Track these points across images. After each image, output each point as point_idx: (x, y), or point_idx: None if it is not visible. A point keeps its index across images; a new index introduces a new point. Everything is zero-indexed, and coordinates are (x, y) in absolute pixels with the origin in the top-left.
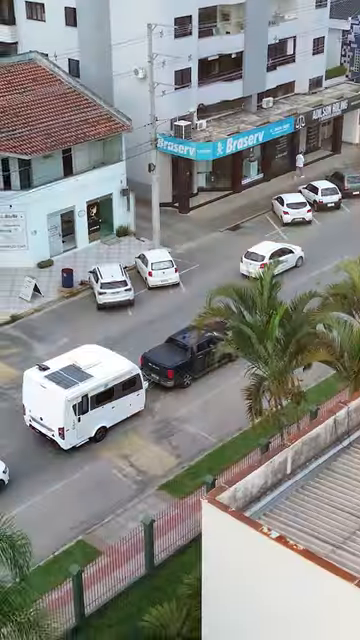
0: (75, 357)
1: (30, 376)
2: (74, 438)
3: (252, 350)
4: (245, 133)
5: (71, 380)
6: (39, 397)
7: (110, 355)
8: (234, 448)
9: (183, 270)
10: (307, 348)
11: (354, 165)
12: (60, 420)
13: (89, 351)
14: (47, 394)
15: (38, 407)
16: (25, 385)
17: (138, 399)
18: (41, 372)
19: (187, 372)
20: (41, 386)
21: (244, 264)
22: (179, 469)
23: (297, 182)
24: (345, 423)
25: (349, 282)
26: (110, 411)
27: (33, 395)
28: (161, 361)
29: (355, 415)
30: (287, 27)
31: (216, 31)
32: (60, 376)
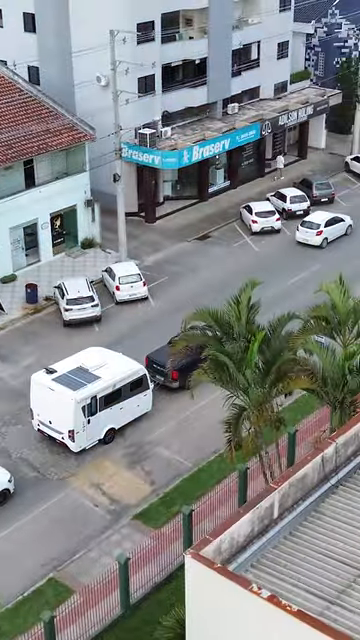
0: (81, 359)
1: (38, 380)
2: (84, 440)
3: (230, 379)
4: (211, 140)
5: (79, 382)
6: (47, 400)
7: (116, 356)
8: (210, 472)
9: (151, 283)
10: (288, 375)
11: (321, 171)
12: (70, 422)
13: (94, 353)
14: (56, 397)
15: (46, 410)
16: (33, 389)
17: (145, 400)
18: (48, 375)
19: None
20: (49, 389)
21: (300, 232)
22: (153, 497)
23: (278, 183)
24: (333, 460)
25: (329, 304)
26: (118, 412)
27: (41, 399)
28: (166, 362)
29: (343, 450)
30: (251, 32)
31: (179, 37)
32: (68, 378)
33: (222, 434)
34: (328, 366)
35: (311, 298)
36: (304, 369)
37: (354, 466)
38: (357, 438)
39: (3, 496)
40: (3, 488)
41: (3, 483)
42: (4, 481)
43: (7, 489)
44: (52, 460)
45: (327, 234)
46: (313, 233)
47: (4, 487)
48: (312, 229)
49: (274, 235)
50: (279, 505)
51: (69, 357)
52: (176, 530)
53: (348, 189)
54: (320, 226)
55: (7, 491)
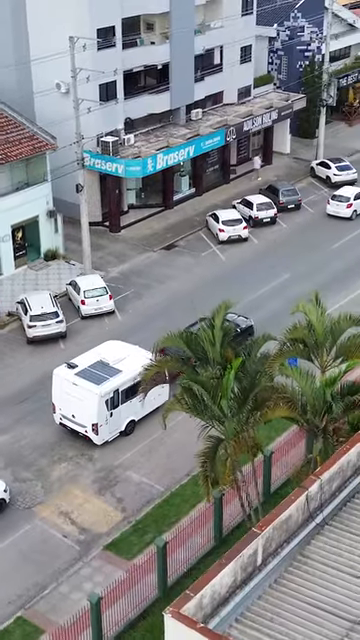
0: (100, 353)
1: (60, 374)
2: (106, 433)
3: (205, 409)
4: (175, 148)
5: (102, 376)
6: (70, 395)
7: (133, 349)
8: (183, 496)
9: (118, 296)
10: (266, 404)
11: (287, 176)
12: (94, 416)
13: (113, 346)
14: (79, 391)
15: (69, 405)
16: (55, 384)
17: (163, 391)
18: (70, 370)
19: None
20: (73, 384)
21: (331, 205)
22: (125, 524)
23: (255, 184)
24: (318, 498)
25: (305, 324)
26: (138, 404)
27: (64, 393)
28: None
29: (327, 486)
30: (213, 36)
31: (140, 42)
32: (90, 373)
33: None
34: (308, 392)
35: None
36: (283, 396)
37: (339, 502)
38: (342, 472)
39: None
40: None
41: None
42: (0, 490)
43: (3, 499)
44: (18, 488)
45: (356, 207)
46: (343, 206)
47: (0, 497)
48: (342, 202)
49: (242, 244)
50: (263, 550)
51: (88, 351)
52: (150, 561)
53: (315, 194)
54: (350, 199)
55: (3, 501)
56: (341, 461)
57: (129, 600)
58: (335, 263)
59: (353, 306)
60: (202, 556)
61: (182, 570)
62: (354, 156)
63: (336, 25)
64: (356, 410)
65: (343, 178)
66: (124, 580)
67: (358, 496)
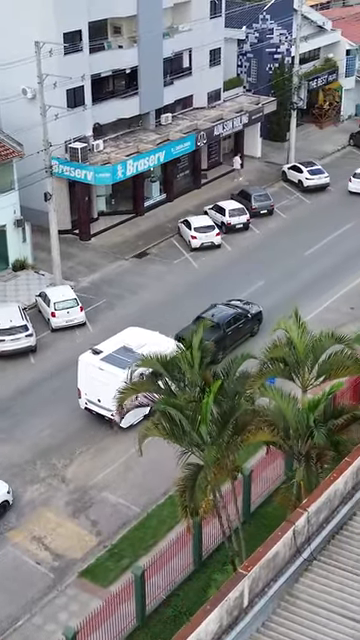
0: (123, 339)
1: (86, 360)
2: (132, 416)
3: (184, 434)
4: (146, 154)
5: (127, 361)
6: (96, 380)
7: (153, 335)
8: (160, 517)
9: (89, 307)
10: (247, 428)
11: (259, 181)
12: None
13: (134, 332)
14: (105, 376)
15: (95, 389)
16: (81, 369)
17: None
18: (96, 356)
19: (220, 348)
20: (99, 369)
21: (353, 183)
22: (100, 549)
23: (236, 185)
24: (305, 531)
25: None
26: None
27: (90, 378)
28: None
29: (315, 518)
30: (182, 39)
31: (108, 46)
32: (115, 358)
33: (172, 470)
34: (290, 416)
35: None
36: (264, 420)
37: (327, 534)
38: (329, 503)
39: (3, 508)
40: (3, 500)
41: (2, 495)
42: (3, 492)
43: (7, 500)
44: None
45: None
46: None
47: (4, 499)
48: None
49: (214, 250)
50: (249, 591)
51: (110, 338)
52: (127, 588)
53: (287, 199)
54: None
55: (7, 503)
56: (328, 491)
57: (107, 631)
58: (309, 270)
59: (327, 313)
60: (181, 581)
61: (161, 597)
62: (325, 159)
63: (305, 27)
64: (342, 434)
65: (315, 182)
66: (101, 610)
67: (346, 527)
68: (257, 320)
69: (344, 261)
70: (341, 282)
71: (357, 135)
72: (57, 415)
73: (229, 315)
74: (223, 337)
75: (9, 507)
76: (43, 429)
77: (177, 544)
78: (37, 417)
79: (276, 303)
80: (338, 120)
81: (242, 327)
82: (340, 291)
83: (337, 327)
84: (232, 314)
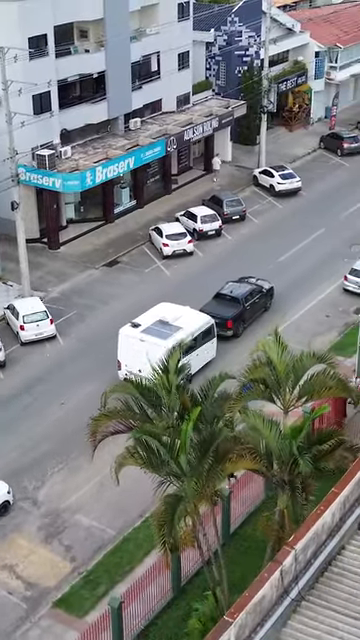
0: (158, 313)
1: (126, 333)
2: None
3: (162, 463)
4: (115, 160)
5: (166, 332)
6: (137, 351)
7: (184, 309)
8: (137, 541)
9: (59, 319)
10: (228, 456)
11: (230, 185)
12: None
13: (167, 307)
14: (146, 347)
15: (136, 361)
16: (121, 342)
17: (212, 347)
18: (135, 328)
19: (241, 322)
20: (140, 340)
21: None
22: (75, 576)
23: (209, 189)
24: (292, 570)
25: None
26: (195, 359)
27: (130, 350)
28: (219, 313)
29: (302, 556)
30: (150, 42)
31: (74, 50)
32: (155, 330)
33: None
34: (273, 443)
35: None
36: (246, 447)
37: (315, 570)
38: (316, 538)
39: (4, 508)
40: (3, 500)
41: (3, 495)
42: (4, 492)
43: (7, 500)
44: None
45: None
46: None
47: (4, 499)
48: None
49: (187, 258)
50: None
51: (144, 313)
52: (104, 619)
53: (259, 204)
54: None
55: (7, 502)
56: (316, 526)
57: None
58: (283, 276)
59: (303, 322)
60: (160, 609)
61: (139, 627)
62: (296, 162)
63: (274, 29)
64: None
65: (287, 187)
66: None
67: (335, 563)
68: (270, 295)
69: (318, 267)
70: (316, 288)
71: (327, 138)
72: (28, 433)
73: (247, 290)
74: (243, 311)
75: (10, 507)
76: (13, 448)
77: (155, 570)
78: (7, 435)
79: None
80: (308, 123)
81: (258, 302)
82: (315, 298)
83: (313, 336)
84: (249, 289)
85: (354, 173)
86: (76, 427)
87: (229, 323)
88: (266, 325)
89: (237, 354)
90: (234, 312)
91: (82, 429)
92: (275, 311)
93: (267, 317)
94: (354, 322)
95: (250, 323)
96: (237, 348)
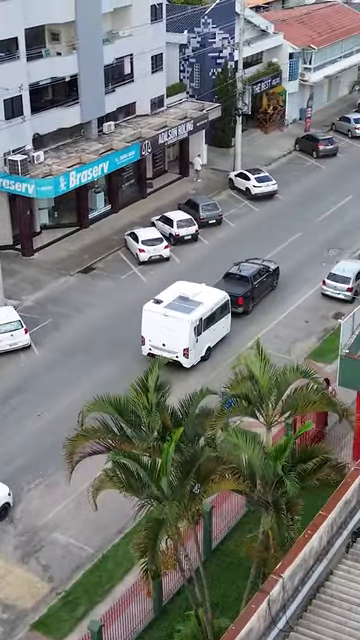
0: (177, 290)
1: (150, 309)
2: (194, 358)
3: (142, 487)
4: (89, 165)
5: (188, 307)
6: (161, 326)
7: (201, 286)
8: (116, 559)
9: (34, 328)
10: (210, 477)
11: (205, 189)
12: (185, 342)
13: (184, 285)
14: (170, 321)
15: (160, 335)
16: (145, 318)
17: (227, 322)
18: (158, 304)
19: (250, 299)
20: (164, 315)
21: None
22: (53, 597)
23: (172, 198)
24: (280, 599)
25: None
26: (213, 332)
27: (154, 325)
28: (230, 291)
29: (290, 583)
30: (123, 45)
31: (46, 53)
32: (177, 305)
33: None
34: (257, 463)
35: None
36: (229, 467)
37: (303, 597)
38: (304, 564)
39: (4, 510)
40: (4, 502)
41: (3, 497)
42: (4, 494)
43: (7, 502)
44: None
45: None
46: None
47: (5, 501)
48: None
49: (163, 264)
50: None
51: (166, 290)
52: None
53: (235, 208)
54: None
55: (7, 504)
56: (303, 552)
57: None
58: None
59: (282, 328)
60: (142, 631)
61: None
62: (272, 165)
63: (248, 31)
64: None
65: (263, 190)
66: None
67: (323, 590)
68: (276, 275)
69: (296, 271)
70: (294, 294)
71: (303, 140)
72: (3, 448)
73: (255, 270)
74: (251, 289)
75: (10, 509)
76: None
77: (135, 589)
78: None
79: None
80: (283, 124)
81: (265, 280)
82: (294, 303)
83: (293, 342)
84: (257, 269)
85: (330, 175)
86: (54, 440)
87: (240, 300)
88: (273, 302)
89: (248, 329)
90: (244, 290)
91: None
92: (281, 290)
93: (273, 295)
94: (333, 327)
95: (259, 301)
96: (248, 324)
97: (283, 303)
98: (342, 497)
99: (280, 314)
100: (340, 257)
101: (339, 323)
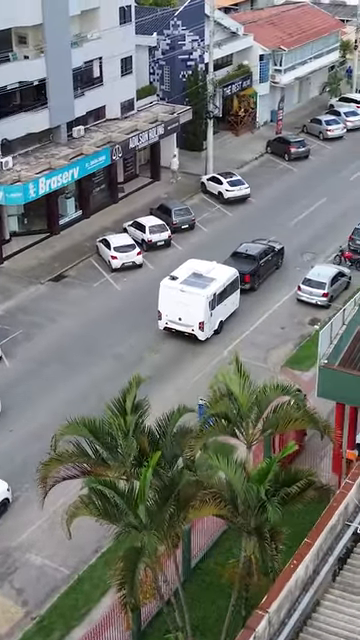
0: (190, 268)
1: (167, 285)
2: (208, 331)
3: (120, 515)
4: (59, 171)
5: (202, 283)
6: (178, 301)
7: (212, 263)
8: (92, 580)
9: (4, 339)
10: (190, 502)
11: (177, 193)
12: (201, 315)
13: (196, 263)
14: (187, 296)
15: (176, 309)
16: (162, 293)
17: (237, 298)
18: (174, 280)
19: (257, 277)
20: (180, 291)
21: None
22: (28, 621)
23: (144, 203)
24: (266, 634)
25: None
26: (224, 307)
27: (171, 300)
28: (238, 269)
29: (276, 617)
30: (92, 48)
31: (13, 57)
32: (192, 281)
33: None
34: (239, 487)
35: (185, 346)
36: (210, 492)
37: (290, 630)
38: (290, 595)
39: (4, 505)
40: (3, 497)
41: (3, 492)
42: (3, 490)
43: (7, 498)
44: None
45: None
46: None
47: (4, 496)
48: None
49: (136, 270)
50: None
51: (180, 267)
52: None
53: (208, 212)
54: None
55: (7, 500)
56: (289, 584)
57: None
58: None
59: (257, 335)
60: None
61: None
62: (244, 168)
63: (218, 33)
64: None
65: (236, 194)
66: None
67: (310, 622)
68: (281, 255)
69: (271, 277)
70: (270, 299)
71: (274, 142)
72: None
73: (261, 249)
74: (258, 267)
75: (9, 505)
76: None
77: (113, 612)
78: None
79: None
80: (254, 127)
81: (271, 259)
82: (270, 309)
83: (269, 350)
84: (263, 248)
85: (302, 178)
86: (26, 456)
87: (247, 278)
88: (278, 280)
89: (255, 305)
90: (251, 268)
91: (33, 458)
92: (256, 294)
93: (278, 274)
94: (309, 334)
95: (265, 278)
96: (254, 300)
97: (258, 308)
98: (328, 523)
99: (256, 321)
100: (315, 262)
101: (315, 329)
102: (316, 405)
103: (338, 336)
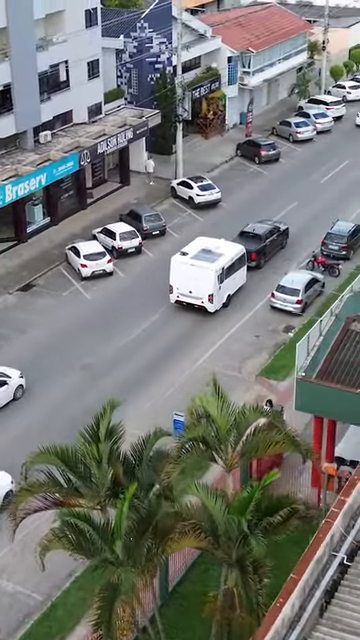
0: (199, 245)
1: (178, 260)
2: (217, 303)
3: (95, 550)
4: (25, 177)
5: (212, 257)
6: (188, 275)
7: (220, 241)
8: (66, 607)
9: None
10: (169, 534)
11: (147, 198)
12: (210, 288)
13: (204, 240)
14: (197, 270)
15: (187, 283)
16: (173, 268)
17: (243, 274)
18: (185, 256)
19: (262, 255)
20: (191, 265)
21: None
22: None
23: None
24: None
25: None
26: (232, 282)
27: (182, 274)
28: (245, 247)
29: None
30: (57, 51)
31: None
32: (202, 256)
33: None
34: (219, 517)
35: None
36: (190, 523)
37: None
38: (277, 636)
39: (7, 498)
40: (7, 490)
41: (7, 485)
42: (7, 483)
43: (11, 490)
44: None
45: None
46: None
47: (8, 489)
48: None
49: (107, 278)
50: None
51: (189, 244)
52: None
53: (179, 217)
54: None
55: (11, 492)
56: (276, 624)
57: None
58: None
59: (232, 343)
60: None
61: None
62: (214, 171)
63: (186, 35)
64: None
65: (207, 198)
66: None
67: None
68: (286, 235)
69: (244, 282)
70: (244, 306)
71: (244, 145)
72: None
73: (267, 229)
74: (264, 246)
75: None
76: None
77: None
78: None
79: (177, 334)
80: (223, 130)
81: (276, 239)
82: (243, 317)
83: (243, 360)
84: (269, 228)
85: (273, 181)
86: None
87: (253, 256)
88: (283, 259)
89: (260, 282)
90: (257, 246)
91: None
92: (289, 249)
93: (283, 253)
94: (284, 342)
95: (270, 257)
96: (260, 277)
97: (233, 315)
98: (314, 556)
99: (230, 329)
100: (288, 268)
101: (289, 337)
102: (293, 417)
103: (315, 348)
